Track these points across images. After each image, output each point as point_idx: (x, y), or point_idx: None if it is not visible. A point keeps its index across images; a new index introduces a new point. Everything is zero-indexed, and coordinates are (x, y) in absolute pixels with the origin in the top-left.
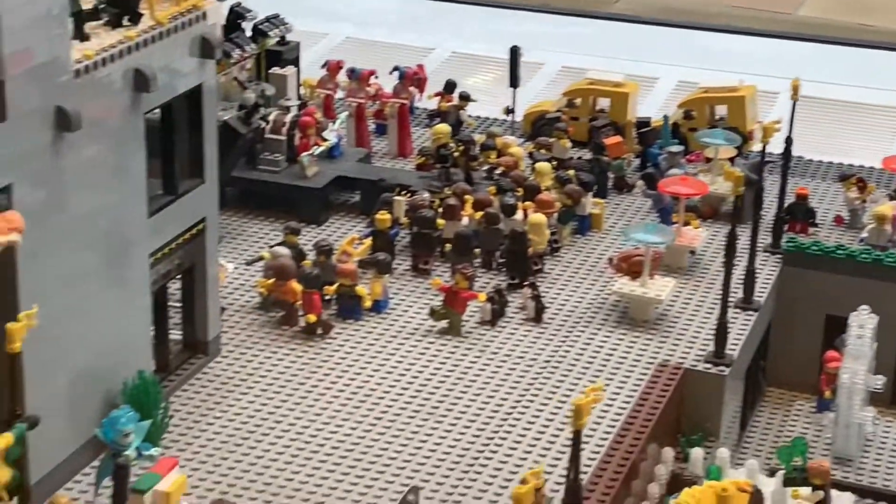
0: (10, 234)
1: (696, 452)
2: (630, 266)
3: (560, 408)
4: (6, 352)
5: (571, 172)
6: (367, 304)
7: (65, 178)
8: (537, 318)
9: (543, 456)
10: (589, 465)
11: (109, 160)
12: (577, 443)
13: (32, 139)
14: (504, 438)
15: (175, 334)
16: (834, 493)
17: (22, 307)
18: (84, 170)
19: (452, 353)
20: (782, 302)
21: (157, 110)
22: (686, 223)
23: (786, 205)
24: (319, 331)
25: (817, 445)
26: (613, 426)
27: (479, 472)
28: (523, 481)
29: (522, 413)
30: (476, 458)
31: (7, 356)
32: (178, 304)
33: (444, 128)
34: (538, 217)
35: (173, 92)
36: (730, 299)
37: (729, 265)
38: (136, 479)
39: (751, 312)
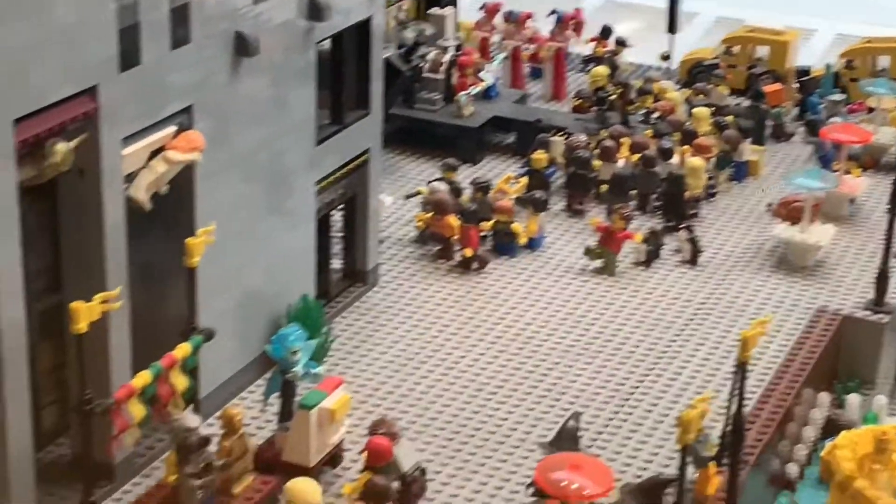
0: (191, 153)
1: (853, 399)
2: (790, 212)
3: (716, 349)
4: (184, 266)
5: (730, 118)
6: (523, 240)
7: (239, 104)
8: (693, 260)
9: (699, 393)
10: (744, 407)
11: (281, 88)
12: (742, 374)
13: (213, 63)
14: (659, 376)
15: (336, 263)
16: None
17: (198, 226)
18: (257, 96)
19: (607, 291)
20: None
21: (328, 41)
22: (847, 171)
23: None
24: (475, 265)
25: None
26: (769, 371)
27: (633, 407)
28: (692, 406)
29: (678, 352)
30: (631, 394)
31: (185, 271)
32: (340, 235)
33: (602, 70)
34: (696, 161)
35: (344, 23)
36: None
37: (893, 213)
38: (302, 396)
39: None
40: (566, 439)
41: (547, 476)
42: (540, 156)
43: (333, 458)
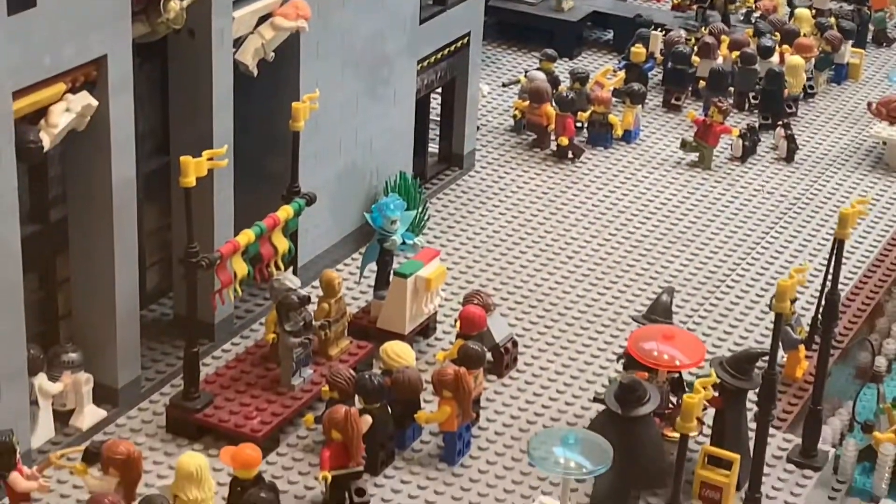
0: (297, 21)
1: None
2: (890, 111)
3: (808, 242)
4: (289, 132)
5: (832, 20)
6: (619, 132)
7: None
8: (789, 157)
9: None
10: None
11: None
12: (839, 251)
13: None
14: (751, 265)
15: (433, 147)
16: None
17: (302, 94)
18: None
19: (701, 184)
20: None
21: None
22: None
23: None
24: (570, 154)
25: None
26: (860, 266)
27: (725, 293)
28: (790, 276)
29: (770, 244)
30: (722, 281)
31: (290, 136)
32: (437, 119)
33: None
34: (796, 59)
35: None
36: None
37: None
38: (398, 265)
39: None
40: (660, 312)
41: (639, 346)
42: (639, 49)
43: (427, 329)
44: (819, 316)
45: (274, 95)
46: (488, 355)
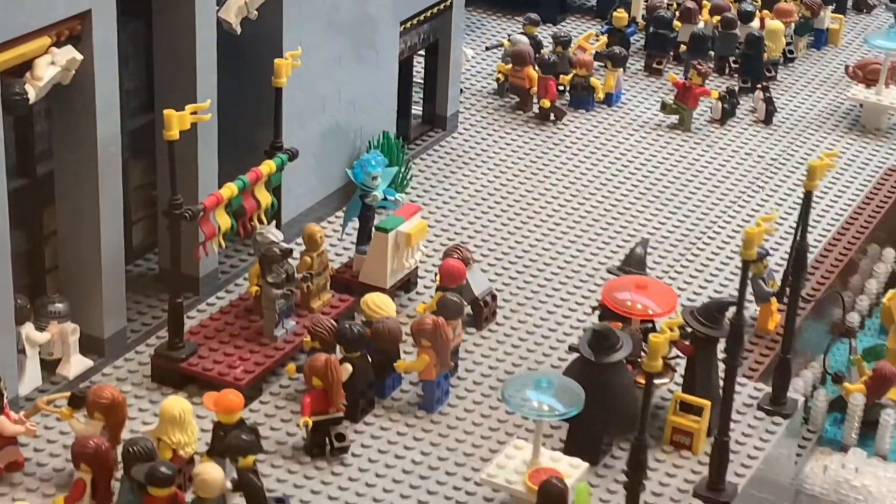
0: None
1: None
2: (866, 74)
3: (784, 201)
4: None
5: None
6: (600, 95)
7: None
8: (767, 119)
9: (766, 240)
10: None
11: None
12: (808, 203)
13: None
14: (727, 223)
15: (417, 109)
16: None
17: (285, 52)
18: None
19: (681, 146)
20: None
21: None
22: None
23: None
24: (552, 116)
25: None
26: (835, 223)
27: (701, 249)
28: (757, 224)
29: (747, 202)
30: (699, 238)
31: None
32: (421, 82)
33: None
34: (775, 24)
35: None
36: None
37: None
38: (380, 221)
39: None
40: (634, 264)
41: (613, 296)
42: (621, 14)
43: (407, 283)
44: (789, 268)
45: (258, 53)
46: (468, 308)
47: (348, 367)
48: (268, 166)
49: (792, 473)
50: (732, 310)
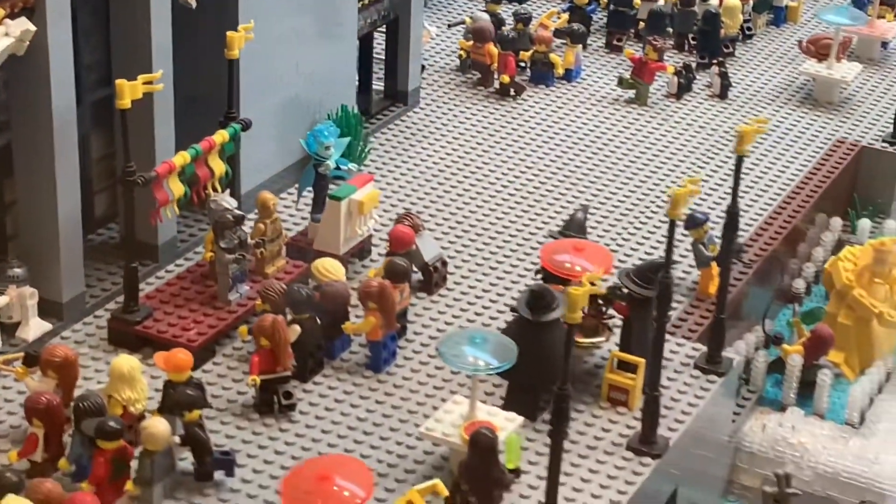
0: None
1: (864, 223)
2: (818, 48)
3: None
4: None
5: None
6: (560, 71)
7: None
8: (723, 94)
9: (713, 209)
10: (752, 224)
11: None
12: (738, 167)
13: None
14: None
15: (379, 85)
16: None
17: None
18: None
19: (636, 119)
20: None
21: None
22: (881, 16)
23: None
24: (512, 91)
25: None
26: (782, 192)
27: (649, 218)
28: (684, 185)
29: (696, 172)
30: (648, 206)
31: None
32: (382, 58)
33: None
34: (732, 1)
35: None
36: None
37: None
38: (333, 189)
39: None
40: (574, 228)
41: (552, 258)
42: None
43: (362, 251)
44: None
45: (216, 27)
46: (419, 273)
47: (296, 329)
48: (221, 136)
49: (730, 431)
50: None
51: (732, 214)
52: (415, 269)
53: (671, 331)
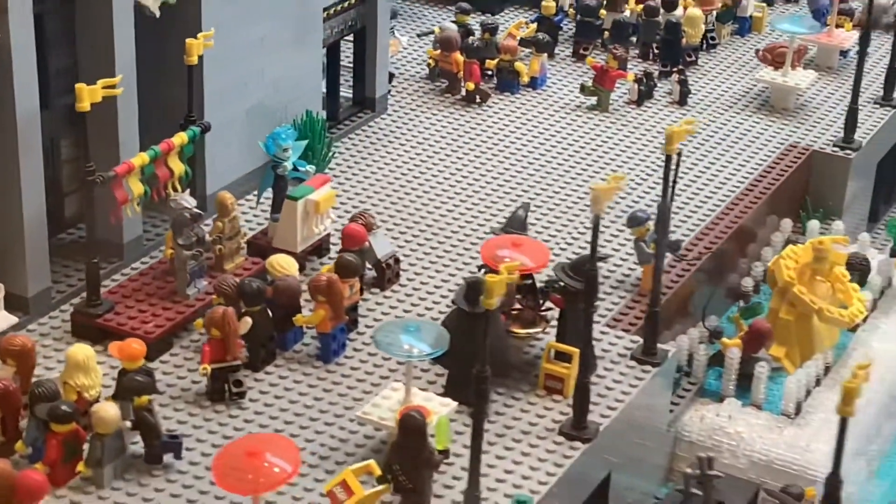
0: None
1: (812, 224)
2: (774, 56)
3: (687, 172)
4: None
5: None
6: (525, 79)
7: None
8: (682, 101)
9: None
10: (700, 223)
11: None
12: (668, 166)
13: None
14: (628, 193)
15: (347, 92)
16: None
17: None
18: None
19: (597, 125)
20: None
21: None
22: (839, 25)
23: None
24: (478, 98)
25: None
26: (732, 192)
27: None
28: (607, 182)
29: (649, 175)
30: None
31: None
32: (350, 66)
33: None
34: (694, 11)
35: None
36: (870, 96)
37: (863, 53)
38: (291, 189)
39: (888, 108)
40: (515, 225)
41: (491, 253)
42: (548, 3)
43: (320, 249)
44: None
45: (180, 34)
46: (373, 272)
47: (248, 321)
48: (180, 138)
49: (668, 421)
50: (600, 264)
51: (662, 212)
52: (369, 266)
53: (612, 324)
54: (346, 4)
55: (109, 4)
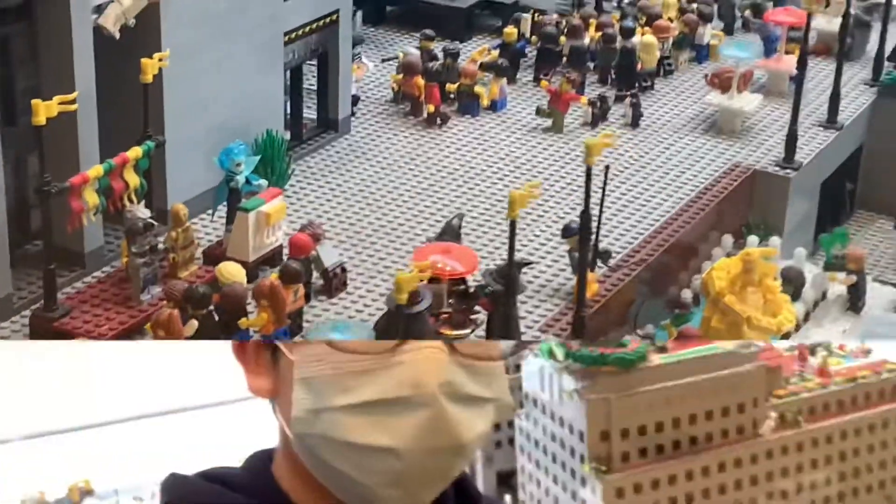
0: None
1: (752, 240)
2: (722, 81)
3: (632, 189)
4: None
5: (694, 5)
6: (485, 102)
7: None
8: (634, 123)
9: (615, 228)
10: (636, 238)
11: None
12: (588, 178)
13: None
14: (574, 208)
15: (310, 114)
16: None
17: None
18: None
19: (551, 145)
20: (874, 132)
21: None
22: (788, 52)
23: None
24: (438, 121)
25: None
26: (675, 206)
27: (543, 231)
28: (525, 189)
29: (595, 192)
30: (535, 220)
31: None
32: (314, 88)
33: None
34: (649, 38)
35: None
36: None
37: (800, 78)
38: (243, 202)
39: (832, 131)
40: (448, 234)
41: (423, 258)
42: (510, 31)
43: (273, 258)
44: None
45: (141, 56)
46: (321, 281)
47: (194, 324)
48: (134, 152)
49: None
50: (525, 270)
51: (583, 221)
52: (317, 274)
53: (544, 329)
54: (307, 29)
55: (69, 27)
